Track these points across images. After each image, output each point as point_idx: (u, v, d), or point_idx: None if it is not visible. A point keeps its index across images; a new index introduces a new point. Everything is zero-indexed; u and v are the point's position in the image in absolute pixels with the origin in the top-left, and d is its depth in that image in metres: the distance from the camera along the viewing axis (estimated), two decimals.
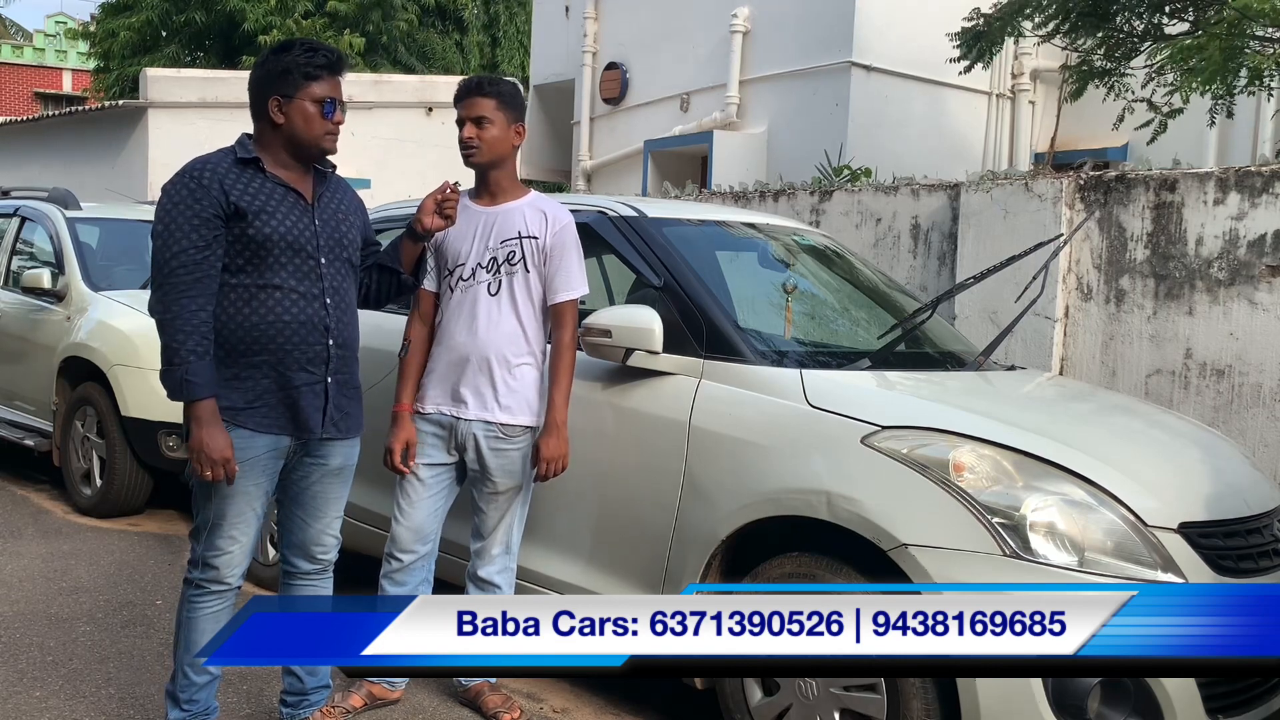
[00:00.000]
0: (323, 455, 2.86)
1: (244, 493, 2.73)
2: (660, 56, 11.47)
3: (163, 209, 2.67)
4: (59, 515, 5.56)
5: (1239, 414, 4.68)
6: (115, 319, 5.51)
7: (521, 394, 3.14)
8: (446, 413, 3.15)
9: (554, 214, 3.15)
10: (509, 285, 3.12)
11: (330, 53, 2.78)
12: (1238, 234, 4.72)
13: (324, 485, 2.90)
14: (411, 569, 3.22)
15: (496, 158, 3.15)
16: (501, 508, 3.18)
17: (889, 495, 2.70)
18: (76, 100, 25.48)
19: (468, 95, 3.14)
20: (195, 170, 2.68)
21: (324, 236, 2.78)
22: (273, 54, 2.77)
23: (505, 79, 3.26)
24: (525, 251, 3.11)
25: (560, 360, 3.12)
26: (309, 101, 2.72)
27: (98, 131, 14.29)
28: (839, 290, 4.01)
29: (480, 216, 3.15)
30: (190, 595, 2.80)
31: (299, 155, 2.78)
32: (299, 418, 2.76)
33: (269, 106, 2.73)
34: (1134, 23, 6.89)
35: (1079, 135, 10.12)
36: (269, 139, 2.76)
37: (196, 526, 2.80)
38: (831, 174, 8.00)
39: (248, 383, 2.69)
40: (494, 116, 3.11)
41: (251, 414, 2.69)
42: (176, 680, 2.84)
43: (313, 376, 2.76)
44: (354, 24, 18.25)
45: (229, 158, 2.72)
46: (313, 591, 2.97)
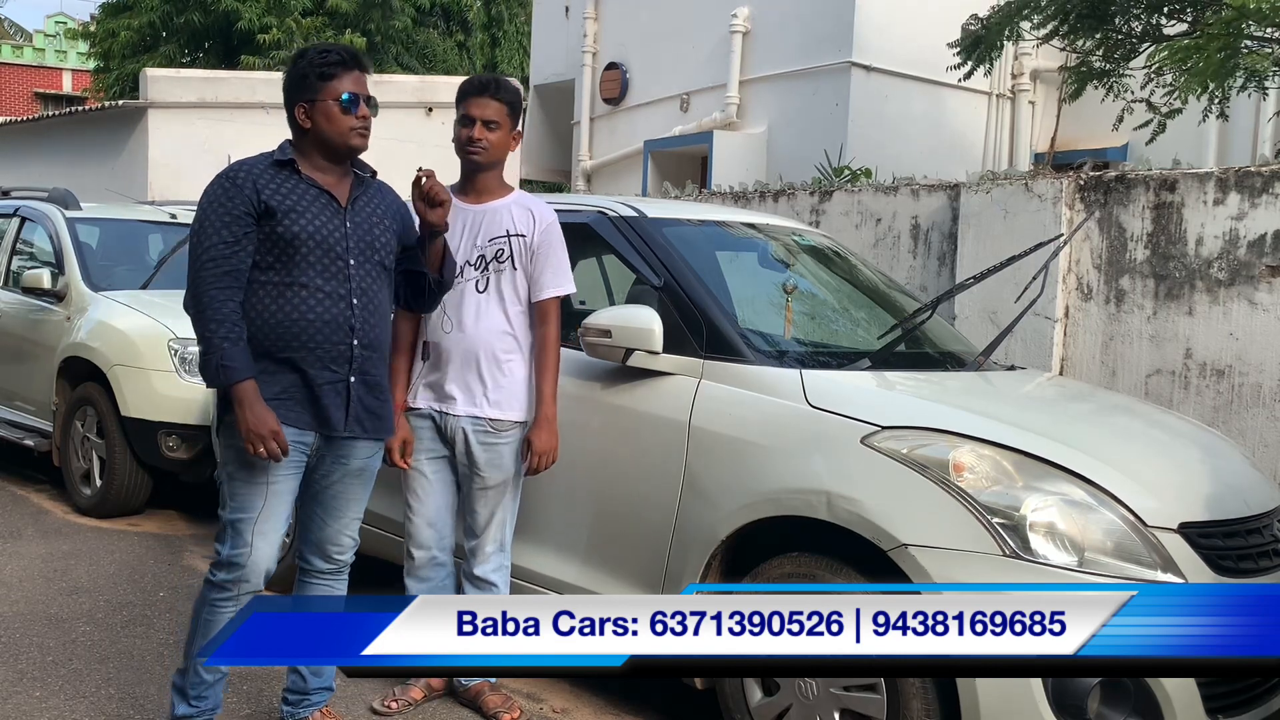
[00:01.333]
0: (345, 455, 2.89)
1: (270, 485, 2.76)
2: (660, 56, 11.47)
3: (200, 209, 2.75)
4: (59, 515, 5.56)
5: (1239, 414, 4.68)
6: (115, 319, 5.51)
7: (511, 390, 3.16)
8: (436, 408, 3.18)
9: (540, 212, 3.18)
10: (496, 283, 3.14)
11: (344, 50, 2.84)
12: (1238, 234, 4.72)
13: (345, 485, 2.93)
14: (433, 564, 3.27)
15: (497, 160, 3.18)
16: (491, 503, 3.19)
17: (889, 495, 2.71)
18: (76, 100, 25.49)
19: (480, 94, 3.14)
20: (231, 171, 2.77)
21: (354, 238, 2.82)
22: (291, 63, 2.85)
23: (512, 82, 3.27)
24: (513, 249, 3.14)
25: (547, 355, 3.14)
26: (330, 100, 2.78)
27: (98, 131, 14.28)
28: (839, 290, 4.01)
29: (467, 215, 3.17)
30: (213, 597, 2.79)
31: (332, 157, 2.83)
32: (322, 414, 2.79)
33: (297, 114, 2.80)
34: (1132, 24, 6.89)
35: (1079, 135, 10.13)
36: (303, 144, 2.83)
37: (221, 528, 2.81)
38: (831, 174, 8.00)
39: (274, 376, 2.73)
40: (502, 121, 3.14)
41: (278, 406, 2.72)
42: (187, 676, 2.84)
43: (335, 375, 2.80)
44: (354, 23, 18.26)
45: (266, 160, 2.80)
46: (327, 592, 2.98)
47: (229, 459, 2.77)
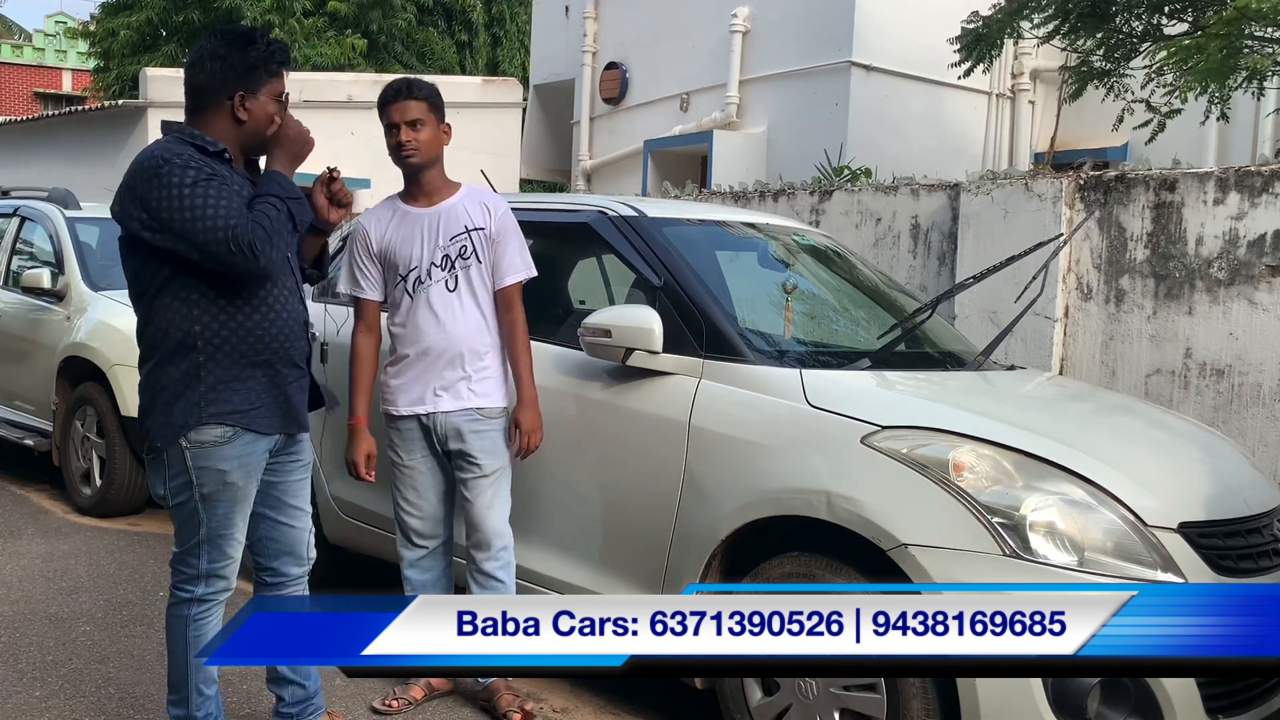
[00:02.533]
0: (297, 450, 2.85)
1: (249, 497, 2.71)
2: (660, 56, 11.47)
3: (171, 203, 2.48)
4: (59, 515, 5.56)
5: (1239, 414, 4.68)
6: (115, 319, 5.51)
7: (492, 379, 3.23)
8: (423, 412, 3.20)
9: (492, 203, 3.25)
10: (465, 279, 3.19)
11: (285, 47, 2.77)
12: (1237, 234, 4.72)
13: (301, 481, 2.88)
14: (433, 554, 3.32)
15: (432, 157, 3.21)
16: (488, 491, 3.21)
17: (889, 495, 2.70)
18: (76, 100, 25.47)
19: (396, 99, 3.18)
20: (168, 153, 2.53)
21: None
22: (234, 46, 2.66)
23: (426, 81, 3.29)
24: (475, 243, 3.19)
25: (517, 339, 3.21)
26: (272, 99, 2.68)
27: (97, 131, 14.28)
28: (839, 290, 4.01)
29: (422, 218, 3.21)
30: (197, 614, 2.72)
31: (249, 151, 2.73)
32: (291, 413, 2.75)
33: (233, 102, 2.63)
34: (1133, 23, 6.89)
35: (1079, 135, 10.13)
36: (224, 133, 2.64)
37: (192, 546, 2.70)
38: (831, 174, 8.00)
39: (248, 383, 2.65)
40: (425, 118, 3.17)
41: (255, 416, 2.66)
42: (190, 702, 2.75)
43: (300, 372, 2.78)
44: (354, 24, 18.24)
45: (189, 148, 2.57)
46: (298, 594, 2.93)
47: (206, 480, 2.63)
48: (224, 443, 2.62)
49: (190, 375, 2.60)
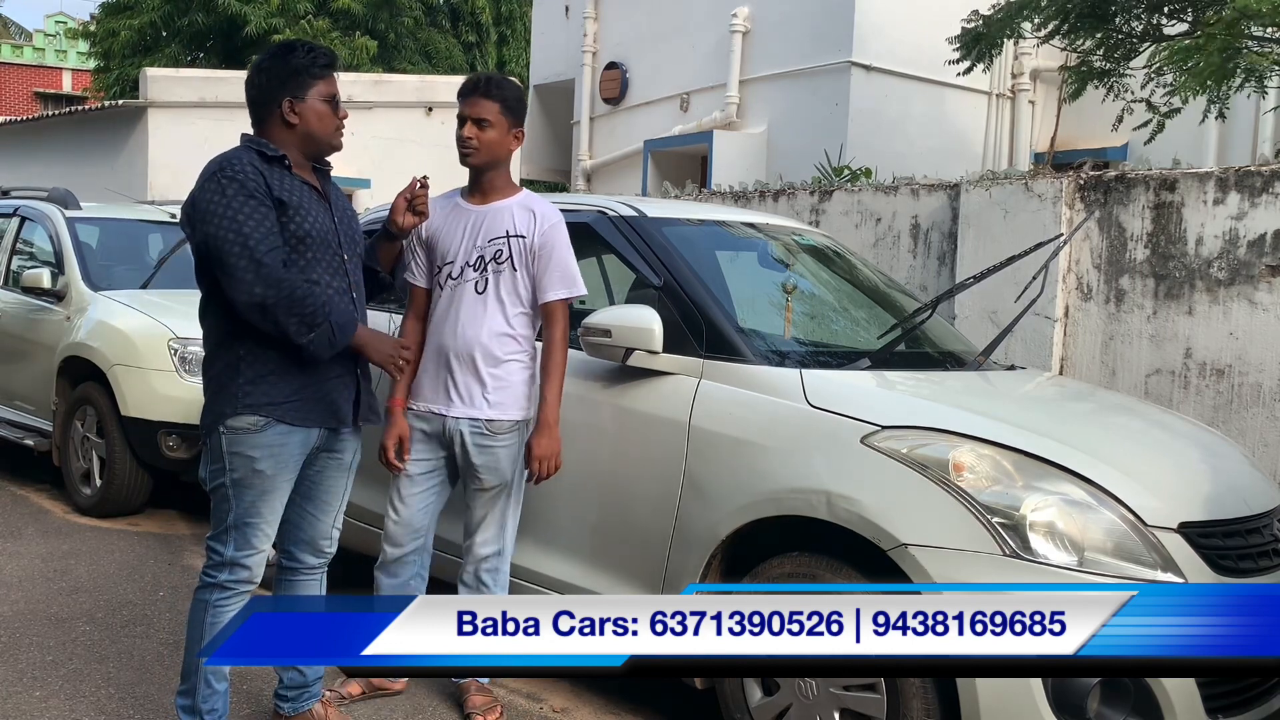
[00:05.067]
0: (339, 449, 2.92)
1: (278, 489, 2.78)
2: (660, 56, 11.48)
3: (213, 203, 2.63)
4: (59, 515, 5.56)
5: (1239, 414, 4.69)
6: (115, 319, 5.51)
7: (510, 390, 3.14)
8: (434, 410, 3.18)
9: (543, 212, 3.15)
10: (495, 284, 3.12)
11: (328, 52, 2.89)
12: (1237, 234, 4.72)
13: (335, 479, 2.96)
14: (404, 562, 3.27)
15: (492, 160, 3.14)
16: (487, 505, 3.19)
17: (889, 495, 2.70)
18: (76, 100, 25.48)
19: (472, 94, 3.13)
20: (229, 164, 2.68)
21: (343, 233, 2.87)
22: (276, 57, 2.82)
23: (511, 81, 3.25)
24: (512, 250, 3.11)
25: (552, 359, 3.11)
26: (320, 100, 2.80)
27: (98, 131, 14.29)
28: (839, 290, 4.01)
29: (470, 215, 3.17)
30: (217, 600, 2.78)
31: (311, 154, 2.85)
32: (332, 408, 2.83)
33: (282, 108, 2.78)
34: (1133, 23, 6.89)
35: (1079, 135, 10.13)
36: (283, 139, 2.80)
37: (223, 529, 2.78)
38: (831, 174, 8.00)
39: (286, 376, 2.74)
40: (495, 120, 3.11)
41: (291, 408, 2.74)
42: (197, 691, 2.80)
43: (345, 370, 2.85)
44: (363, 25, 18.24)
45: (250, 154, 2.73)
46: (313, 585, 3.01)
47: (237, 465, 2.73)
48: (256, 431, 2.72)
49: (231, 368, 2.74)
